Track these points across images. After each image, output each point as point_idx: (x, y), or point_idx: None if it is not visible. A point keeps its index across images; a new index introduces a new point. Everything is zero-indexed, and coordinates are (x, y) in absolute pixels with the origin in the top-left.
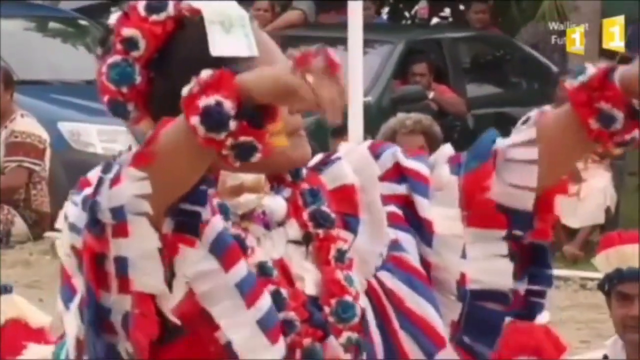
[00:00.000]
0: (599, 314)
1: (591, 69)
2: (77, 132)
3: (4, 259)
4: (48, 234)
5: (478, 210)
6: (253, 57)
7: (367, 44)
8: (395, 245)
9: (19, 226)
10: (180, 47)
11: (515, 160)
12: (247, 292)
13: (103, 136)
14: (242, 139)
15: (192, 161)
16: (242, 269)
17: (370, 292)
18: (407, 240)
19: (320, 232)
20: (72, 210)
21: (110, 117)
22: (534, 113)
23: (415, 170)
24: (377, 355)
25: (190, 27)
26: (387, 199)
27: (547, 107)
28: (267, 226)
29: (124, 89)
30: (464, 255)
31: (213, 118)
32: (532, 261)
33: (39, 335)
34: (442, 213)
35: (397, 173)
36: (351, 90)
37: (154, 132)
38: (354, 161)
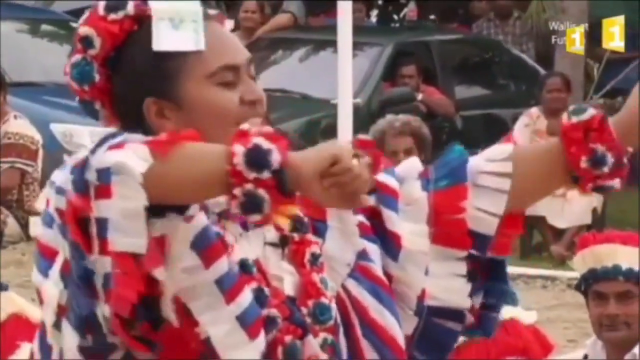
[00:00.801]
0: (586, 313)
1: (591, 110)
2: (70, 133)
3: None
4: None
5: (446, 229)
6: (199, 51)
7: (356, 46)
8: (362, 255)
9: (12, 227)
10: (134, 47)
11: (485, 187)
12: (227, 288)
13: (95, 137)
14: (261, 192)
15: (198, 183)
16: (223, 265)
17: (337, 299)
18: (374, 250)
19: (296, 235)
20: (59, 175)
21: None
22: (510, 147)
23: (384, 184)
24: None
25: (146, 27)
26: (356, 209)
27: (533, 109)
28: (244, 226)
29: (86, 87)
30: (426, 272)
31: (258, 156)
32: (489, 276)
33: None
34: (410, 228)
35: None
36: (340, 92)
37: (171, 137)
38: None
